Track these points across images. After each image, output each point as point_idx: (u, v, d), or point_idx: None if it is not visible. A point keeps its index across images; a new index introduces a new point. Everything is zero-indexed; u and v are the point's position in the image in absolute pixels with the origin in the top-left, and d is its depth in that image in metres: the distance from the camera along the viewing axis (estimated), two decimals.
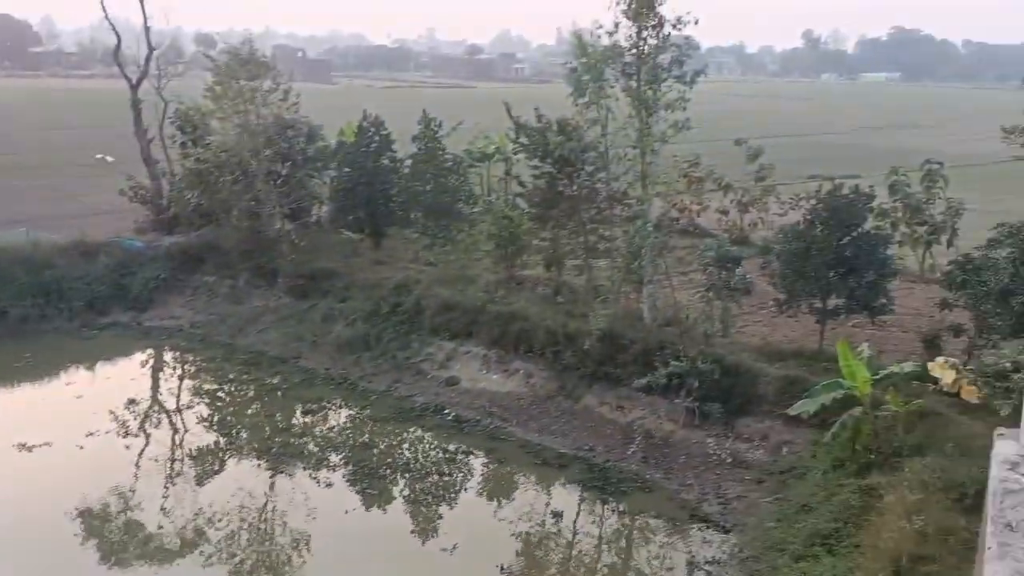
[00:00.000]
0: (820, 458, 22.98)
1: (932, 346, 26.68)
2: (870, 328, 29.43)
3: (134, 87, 46.82)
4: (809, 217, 28.31)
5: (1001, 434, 3.66)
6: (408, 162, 40.58)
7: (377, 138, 40.77)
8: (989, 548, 2.86)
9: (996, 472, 3.21)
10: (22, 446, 26.94)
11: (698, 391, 26.44)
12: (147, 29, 47.34)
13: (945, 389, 24.19)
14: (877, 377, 22.07)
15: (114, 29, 48.59)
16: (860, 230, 27.77)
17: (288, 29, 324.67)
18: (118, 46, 49.23)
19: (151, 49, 47.49)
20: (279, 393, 32.10)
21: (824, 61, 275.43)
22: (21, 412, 30.83)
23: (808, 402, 22.46)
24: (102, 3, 47.46)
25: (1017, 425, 14.94)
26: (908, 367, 23.21)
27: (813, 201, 29.02)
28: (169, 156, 46.49)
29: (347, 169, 41.00)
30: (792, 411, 23.00)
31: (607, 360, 28.80)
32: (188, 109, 43.06)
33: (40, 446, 27.00)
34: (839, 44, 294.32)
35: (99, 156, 63.45)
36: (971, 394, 23.43)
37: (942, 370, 24.52)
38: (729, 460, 25.34)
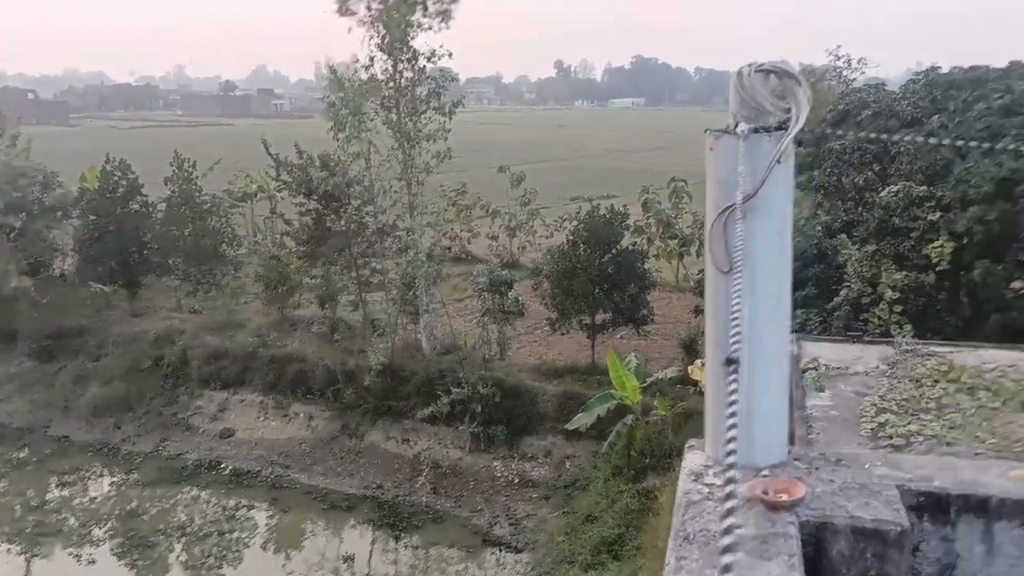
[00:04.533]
0: (601, 468, 23.87)
1: (690, 350, 28.57)
2: (636, 339, 31.08)
3: None
4: (572, 238, 29.58)
5: (691, 445, 3.84)
6: (162, 206, 38.24)
7: (124, 182, 38.06)
8: (667, 563, 2.92)
9: (682, 484, 3.34)
10: None
11: (481, 415, 26.71)
12: None
13: (703, 389, 25.94)
14: (645, 385, 23.30)
15: None
16: (619, 247, 29.35)
17: (16, 70, 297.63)
18: None
19: None
20: (28, 467, 28.97)
21: (576, 89, 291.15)
22: None
23: (585, 415, 23.30)
24: None
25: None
26: (671, 372, 24.69)
27: (575, 222, 30.36)
28: None
29: (93, 217, 37.91)
30: (570, 425, 23.78)
31: (389, 394, 28.48)
32: None
33: None
34: (588, 73, 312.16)
35: None
36: None
37: (700, 372, 26.27)
38: (516, 480, 25.76)
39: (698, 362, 26.97)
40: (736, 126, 2.64)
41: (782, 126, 2.60)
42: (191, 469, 28.18)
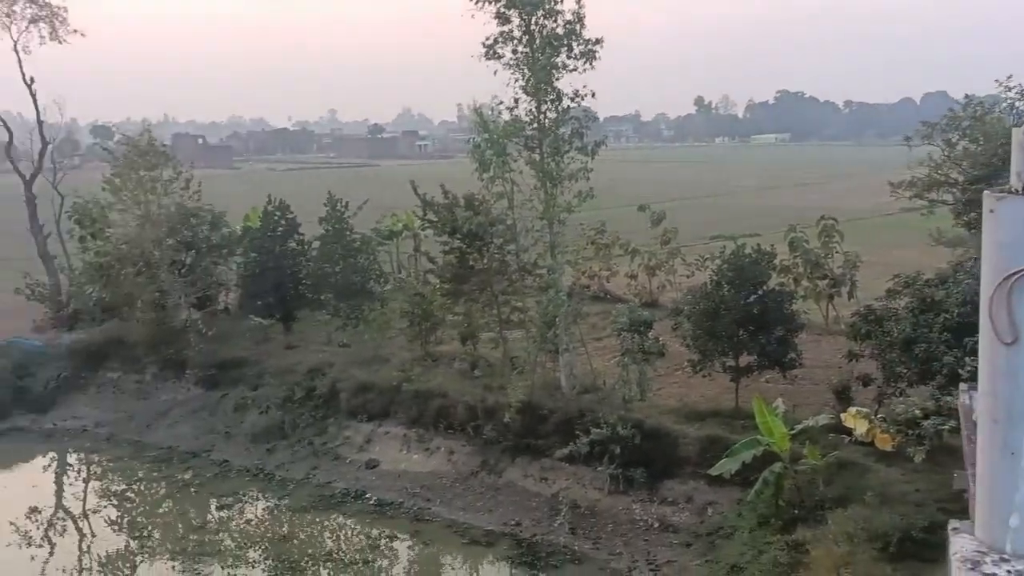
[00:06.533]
0: (746, 516, 23.12)
1: (843, 397, 27.38)
2: (782, 383, 30.01)
3: (28, 182, 45.46)
4: (716, 278, 29.00)
5: (955, 528, 3.57)
6: (316, 244, 40.25)
7: (283, 222, 40.36)
8: None
9: (956, 572, 3.08)
10: None
11: (620, 457, 26.43)
12: (40, 123, 46.26)
13: (859, 439, 24.70)
14: (794, 431, 22.49)
15: (4, 124, 47.31)
16: (765, 287, 28.56)
17: (188, 117, 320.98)
18: (10, 141, 47.95)
19: (45, 143, 46.35)
20: (192, 489, 30.81)
21: (716, 126, 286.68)
22: None
23: (729, 461, 22.68)
24: None
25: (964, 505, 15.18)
26: (823, 419, 23.73)
27: (718, 262, 29.81)
28: (67, 251, 45.01)
29: (254, 254, 40.35)
30: (714, 471, 23.15)
31: (528, 432, 28.63)
32: (86, 202, 41.96)
33: None
34: (729, 109, 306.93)
35: None
36: (885, 442, 23.95)
37: (855, 420, 25.09)
38: (656, 525, 25.29)
39: (852, 410, 25.82)
40: (1023, 188, 2.51)
41: None
42: (338, 497, 29.19)
